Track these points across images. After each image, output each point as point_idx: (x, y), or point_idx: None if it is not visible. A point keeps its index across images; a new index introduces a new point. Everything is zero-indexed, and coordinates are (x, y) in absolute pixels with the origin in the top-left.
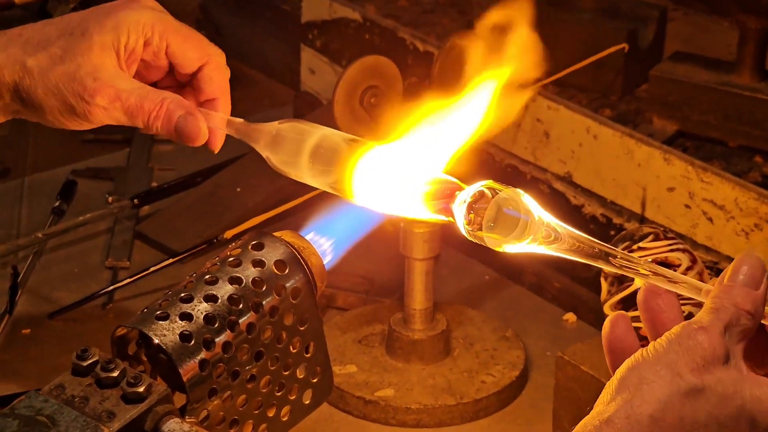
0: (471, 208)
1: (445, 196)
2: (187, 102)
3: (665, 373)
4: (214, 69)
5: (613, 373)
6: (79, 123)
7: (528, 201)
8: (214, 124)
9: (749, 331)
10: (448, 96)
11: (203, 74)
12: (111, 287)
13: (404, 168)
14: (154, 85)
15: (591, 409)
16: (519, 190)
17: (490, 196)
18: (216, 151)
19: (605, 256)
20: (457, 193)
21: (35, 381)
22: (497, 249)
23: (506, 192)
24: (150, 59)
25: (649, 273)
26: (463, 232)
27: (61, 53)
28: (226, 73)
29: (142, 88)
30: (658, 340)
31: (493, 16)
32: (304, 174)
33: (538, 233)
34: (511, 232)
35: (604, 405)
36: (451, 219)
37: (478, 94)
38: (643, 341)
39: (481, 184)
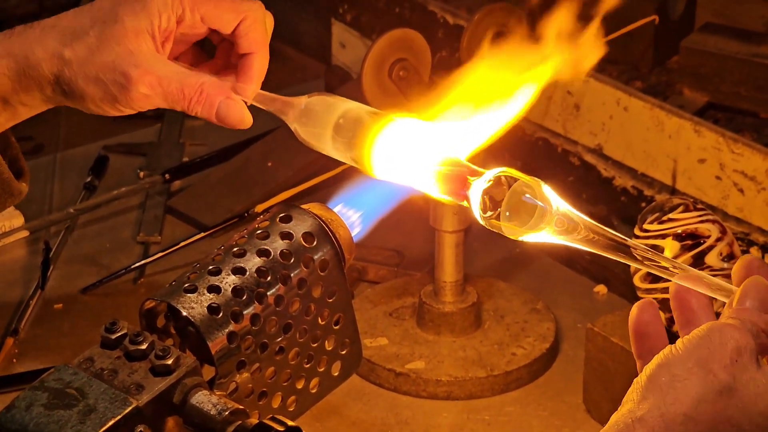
0: (487, 194)
1: (461, 181)
2: (226, 85)
3: (697, 370)
4: (251, 24)
5: (638, 358)
6: (120, 110)
7: (546, 191)
8: (242, 95)
9: (765, 350)
10: (483, 87)
11: (239, 30)
12: (142, 262)
13: (423, 145)
14: (201, 44)
15: (619, 405)
16: (538, 179)
17: (508, 184)
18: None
19: (625, 249)
20: (473, 178)
21: (67, 355)
22: (514, 238)
23: (524, 180)
24: (187, 31)
25: (669, 266)
26: (479, 219)
27: (97, 42)
28: (266, 26)
29: (180, 72)
30: (686, 336)
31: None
32: (328, 147)
33: (555, 223)
34: (527, 221)
35: (634, 403)
36: (466, 204)
37: (519, 96)
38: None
39: (499, 171)
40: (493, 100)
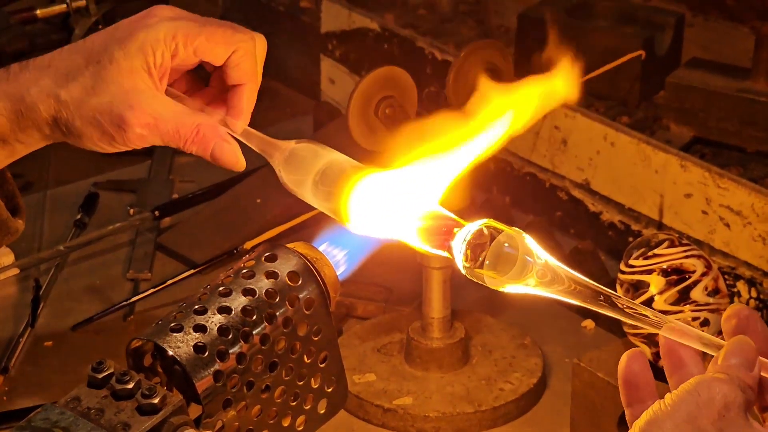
0: (470, 246)
1: (443, 233)
2: (222, 128)
3: (686, 426)
4: (242, 56)
5: (626, 407)
6: (117, 147)
7: (529, 242)
8: (233, 130)
9: (750, 405)
10: (462, 119)
11: (230, 61)
12: (132, 299)
13: (403, 199)
14: (195, 72)
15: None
16: (520, 230)
17: (491, 235)
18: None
19: (609, 300)
20: (456, 230)
21: (58, 393)
22: (497, 288)
23: (507, 232)
24: (180, 63)
25: (653, 318)
26: (462, 270)
27: (92, 83)
28: (257, 56)
29: (177, 112)
30: (674, 392)
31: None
32: (309, 195)
33: (537, 274)
34: (509, 272)
35: None
36: (449, 255)
37: (494, 126)
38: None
39: (481, 223)
40: (461, 139)
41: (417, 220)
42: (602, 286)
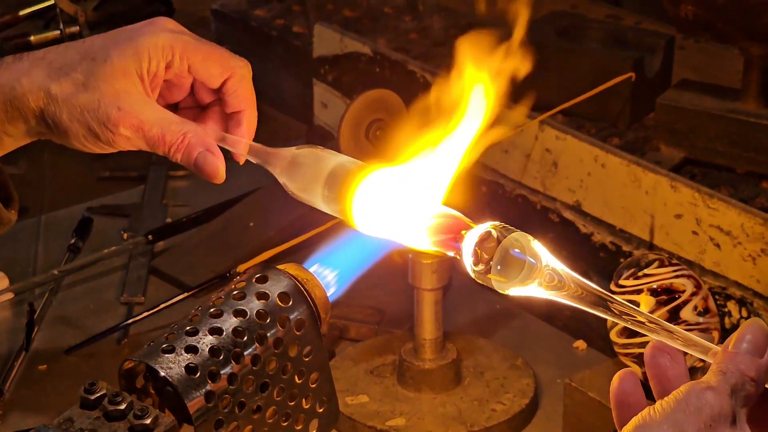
0: (479, 247)
1: (452, 234)
2: (209, 138)
3: None
4: (238, 82)
5: (619, 428)
6: (102, 148)
7: (536, 245)
8: (234, 148)
9: (753, 398)
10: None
11: (227, 87)
12: (126, 322)
13: (412, 199)
14: (191, 98)
15: None
16: (527, 235)
17: (499, 237)
18: (241, 163)
19: (612, 306)
20: (464, 232)
21: (52, 415)
22: (502, 292)
23: (515, 234)
24: (173, 79)
25: (655, 326)
26: (470, 272)
27: (84, 79)
28: (251, 84)
29: (164, 118)
30: (665, 398)
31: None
32: (318, 200)
33: (544, 278)
34: (517, 276)
35: None
36: (457, 256)
37: (472, 115)
38: (650, 401)
39: (490, 224)
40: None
41: (425, 220)
42: (608, 293)
